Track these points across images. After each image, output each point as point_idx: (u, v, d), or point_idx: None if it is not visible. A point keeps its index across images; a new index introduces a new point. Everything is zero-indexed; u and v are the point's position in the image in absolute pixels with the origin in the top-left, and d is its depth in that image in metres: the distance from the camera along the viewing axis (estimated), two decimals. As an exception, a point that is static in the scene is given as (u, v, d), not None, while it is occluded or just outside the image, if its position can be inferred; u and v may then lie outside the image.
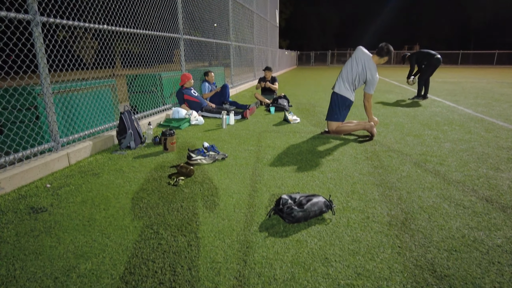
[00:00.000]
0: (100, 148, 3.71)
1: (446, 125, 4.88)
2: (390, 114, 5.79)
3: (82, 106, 3.66)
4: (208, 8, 7.58)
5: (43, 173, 2.93)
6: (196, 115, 5.06)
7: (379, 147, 3.70)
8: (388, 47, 3.99)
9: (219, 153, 3.27)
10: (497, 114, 5.70)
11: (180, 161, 3.24)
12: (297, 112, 6.09)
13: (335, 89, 4.21)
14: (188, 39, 6.21)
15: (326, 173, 2.88)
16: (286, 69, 26.04)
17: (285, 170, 2.97)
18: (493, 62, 33.09)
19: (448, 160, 3.25)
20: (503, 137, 4.16)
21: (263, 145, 3.82)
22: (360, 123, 4.20)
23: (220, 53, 8.90)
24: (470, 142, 3.94)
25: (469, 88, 10.47)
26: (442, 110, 6.24)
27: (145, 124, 4.47)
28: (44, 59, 3.03)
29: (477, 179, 2.77)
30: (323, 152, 3.55)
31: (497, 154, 3.44)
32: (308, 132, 4.47)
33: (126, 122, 3.73)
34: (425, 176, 2.84)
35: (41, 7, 3.02)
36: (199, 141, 4.05)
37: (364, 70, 3.99)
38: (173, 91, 5.83)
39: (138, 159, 3.36)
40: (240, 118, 5.43)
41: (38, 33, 2.95)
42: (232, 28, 9.33)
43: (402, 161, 3.21)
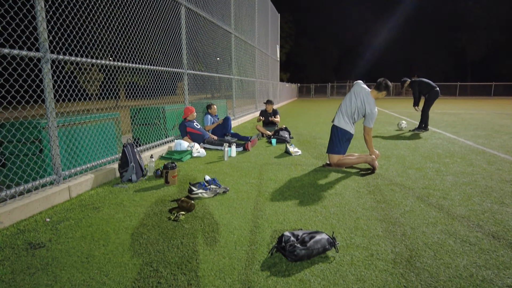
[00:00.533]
0: (102, 181, 3.70)
1: (448, 157, 4.88)
2: (391, 146, 5.81)
3: (85, 139, 3.70)
4: (212, 43, 7.86)
5: (43, 207, 2.91)
6: (198, 147, 5.09)
7: (381, 181, 3.68)
8: (386, 82, 4.09)
9: (221, 187, 3.26)
10: (498, 146, 5.71)
11: (181, 195, 3.22)
12: (298, 144, 6.13)
13: (334, 122, 4.26)
14: (192, 73, 6.38)
15: (328, 208, 2.85)
16: (287, 101, 26.50)
17: (287, 205, 2.94)
18: (491, 93, 33.67)
19: (451, 194, 3.22)
20: (506, 169, 4.15)
21: (264, 178, 3.81)
22: (361, 156, 4.21)
23: (222, 86, 9.12)
24: (472, 175, 3.92)
25: (469, 119, 10.57)
26: (443, 142, 6.26)
27: (147, 157, 4.50)
28: (52, 94, 3.11)
29: (482, 213, 2.73)
30: (325, 185, 3.53)
31: (500, 188, 3.41)
32: (309, 165, 4.47)
33: (129, 155, 3.75)
34: (428, 210, 2.80)
35: (51, 45, 3.15)
36: (201, 173, 4.05)
37: (363, 104, 4.07)
38: (175, 124, 5.91)
39: (139, 193, 3.34)
40: (242, 150, 5.45)
41: (48, 70, 3.05)
42: (235, 62, 9.62)
43: (404, 195, 3.18)
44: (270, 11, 16.08)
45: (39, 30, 2.96)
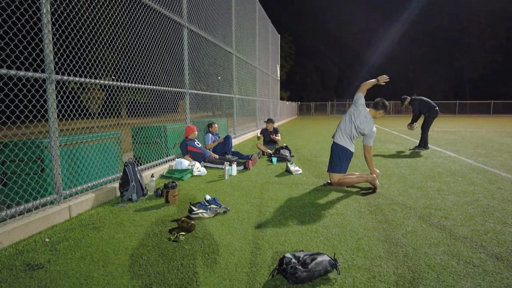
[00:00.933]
0: (102, 201, 3.70)
1: (449, 176, 4.88)
2: (392, 165, 5.81)
3: (87, 158, 3.72)
4: (213, 63, 8.01)
5: (43, 227, 2.89)
6: (198, 166, 5.10)
7: (383, 200, 3.67)
8: (383, 101, 4.16)
9: (221, 207, 3.25)
10: (499, 165, 5.70)
11: (182, 215, 3.21)
12: (298, 162, 6.14)
13: (335, 139, 4.30)
14: (193, 93, 6.47)
15: (330, 229, 2.83)
16: (287, 119, 26.68)
17: (288, 225, 2.92)
18: (490, 111, 33.88)
19: (453, 214, 3.20)
20: (508, 189, 4.13)
21: (265, 198, 3.80)
22: (362, 175, 4.21)
23: (223, 104, 9.22)
24: (474, 194, 3.90)
25: (469, 137, 10.60)
26: (444, 160, 6.26)
27: (148, 176, 4.50)
28: (55, 114, 3.15)
29: (484, 234, 2.71)
30: (326, 205, 3.52)
31: (503, 207, 3.39)
32: (310, 184, 4.46)
33: (129, 174, 3.76)
34: (430, 231, 2.78)
35: (56, 66, 3.22)
36: (201, 193, 4.04)
37: (361, 123, 4.10)
38: (177, 142, 5.94)
39: (139, 212, 3.33)
40: (243, 168, 5.46)
41: (52, 90, 3.11)
42: (236, 82, 9.76)
43: (406, 215, 3.17)
44: (271, 32, 16.45)
45: (45, 52, 3.03)
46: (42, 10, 2.98)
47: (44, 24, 3.00)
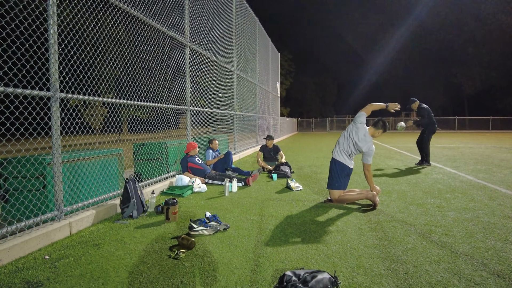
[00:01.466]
0: (103, 217, 3.70)
1: (449, 192, 4.88)
2: (392, 181, 5.82)
3: (88, 175, 3.75)
4: (214, 80, 8.14)
5: (43, 244, 2.89)
6: (199, 182, 5.12)
7: (383, 217, 3.67)
8: (383, 122, 4.23)
9: (221, 224, 3.25)
10: (499, 181, 5.71)
11: (182, 232, 3.21)
12: (299, 179, 6.15)
13: (333, 155, 4.33)
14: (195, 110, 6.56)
15: (330, 246, 2.83)
16: (287, 135, 26.79)
17: (288, 243, 2.92)
18: (489, 127, 34.06)
19: (454, 231, 3.20)
20: (508, 205, 4.13)
21: (265, 214, 3.80)
22: (362, 192, 4.22)
23: (224, 120, 9.30)
24: (474, 210, 3.90)
25: (468, 153, 10.62)
26: (443, 177, 6.27)
27: (148, 192, 4.51)
28: (58, 131, 3.20)
29: (485, 251, 2.70)
30: (327, 222, 3.51)
31: (503, 224, 3.39)
32: (310, 201, 4.46)
33: (130, 191, 3.77)
34: (431, 248, 2.77)
35: (61, 84, 3.29)
36: (201, 209, 4.05)
37: (360, 140, 4.15)
38: (177, 159, 5.97)
39: (139, 229, 3.33)
40: (243, 185, 5.47)
41: (56, 108, 3.17)
42: (236, 98, 9.88)
43: (406, 232, 3.16)
44: (271, 50, 16.75)
45: (51, 71, 3.11)
46: (50, 31, 3.08)
47: (51, 44, 3.09)
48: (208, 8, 7.36)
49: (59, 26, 3.23)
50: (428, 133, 7.87)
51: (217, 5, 8.12)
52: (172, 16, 5.48)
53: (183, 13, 5.95)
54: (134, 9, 4.36)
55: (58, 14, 3.19)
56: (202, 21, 6.95)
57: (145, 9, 4.64)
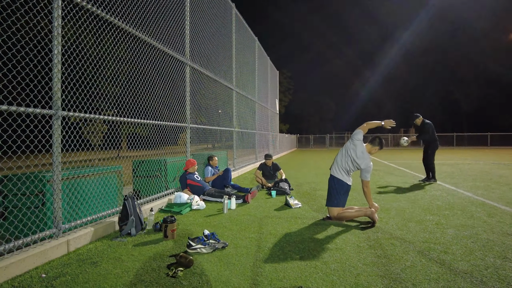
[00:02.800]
0: (101, 235, 3.68)
1: (447, 209, 4.88)
2: (390, 198, 5.81)
3: (87, 192, 3.76)
4: (214, 98, 8.25)
5: (40, 262, 2.87)
6: (197, 199, 5.11)
7: (382, 235, 3.66)
8: (380, 139, 4.30)
9: (219, 242, 3.24)
10: (497, 198, 5.71)
11: (180, 250, 3.19)
12: (298, 196, 6.14)
13: (332, 172, 4.36)
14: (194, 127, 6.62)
15: (329, 264, 2.82)
16: (286, 151, 26.83)
17: (287, 261, 2.91)
18: (487, 143, 34.16)
19: (453, 248, 3.19)
20: (507, 222, 4.13)
21: (264, 232, 3.79)
22: (361, 209, 4.22)
23: (223, 137, 9.36)
24: (473, 228, 3.90)
25: (467, 170, 10.63)
26: (442, 193, 6.27)
27: (147, 210, 4.51)
28: (59, 148, 3.24)
29: (484, 269, 2.69)
30: (326, 240, 3.51)
31: (502, 241, 3.38)
32: (309, 218, 4.45)
33: (129, 208, 3.78)
34: (430, 266, 2.77)
35: (63, 103, 3.35)
36: (200, 227, 4.03)
37: (358, 157, 4.18)
38: (176, 176, 5.98)
39: (137, 247, 3.31)
40: (242, 202, 5.46)
41: (58, 126, 3.21)
42: (236, 116, 9.98)
43: (405, 250, 3.16)
44: (270, 68, 17.03)
45: (54, 90, 3.18)
46: (54, 51, 3.17)
47: (55, 64, 3.17)
48: (208, 28, 7.55)
49: (63, 46, 3.32)
50: (431, 150, 7.92)
51: (217, 25, 8.33)
52: (173, 35, 5.62)
53: (183, 32, 6.10)
54: (136, 29, 4.48)
55: (62, 35, 3.29)
56: (202, 41, 7.11)
57: (147, 29, 4.76)
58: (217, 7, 8.27)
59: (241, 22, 10.87)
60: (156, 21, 5.07)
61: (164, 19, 5.33)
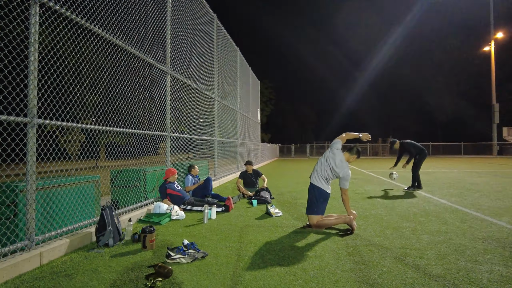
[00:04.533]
0: (77, 246, 3.57)
1: (423, 216, 5.03)
2: (369, 206, 5.94)
3: (63, 202, 3.65)
4: (196, 107, 8.24)
5: (10, 276, 2.76)
6: (177, 209, 5.05)
7: (360, 241, 3.73)
8: (357, 148, 4.43)
9: (199, 251, 3.21)
10: (469, 204, 5.94)
11: (159, 260, 3.14)
12: (279, 204, 6.17)
13: (312, 180, 4.43)
14: (174, 136, 6.57)
15: (308, 271, 2.85)
16: (268, 160, 26.92)
17: (267, 269, 2.91)
18: (461, 152, 35.47)
19: (427, 253, 3.30)
20: (477, 227, 4.30)
21: (244, 241, 3.78)
22: (340, 216, 4.29)
23: (204, 146, 9.32)
24: (447, 233, 4.04)
25: (442, 178, 11.01)
26: (419, 201, 6.46)
27: (125, 220, 4.41)
28: (34, 157, 3.15)
29: (457, 272, 2.80)
30: (305, 247, 3.54)
31: (473, 246, 3.52)
32: (290, 226, 4.49)
33: (107, 219, 3.69)
34: (406, 270, 2.84)
35: (39, 111, 3.27)
36: (180, 237, 3.98)
37: (337, 166, 4.28)
38: (156, 185, 5.89)
39: (115, 258, 3.24)
40: (223, 210, 5.44)
41: (33, 134, 3.13)
42: (217, 125, 9.98)
43: (382, 256, 3.23)
44: (251, 79, 17.19)
45: (29, 97, 3.10)
46: (30, 58, 3.10)
47: (31, 71, 3.11)
48: (190, 38, 7.58)
49: (40, 53, 3.26)
50: (418, 161, 8.26)
51: (199, 35, 8.38)
52: (154, 44, 5.61)
53: (165, 42, 6.10)
54: (116, 37, 4.45)
55: (39, 42, 3.23)
56: (184, 50, 7.12)
57: (127, 37, 4.74)
58: (199, 17, 8.33)
59: (223, 32, 10.98)
60: (137, 29, 5.06)
61: (145, 28, 5.32)
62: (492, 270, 2.84)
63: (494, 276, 2.73)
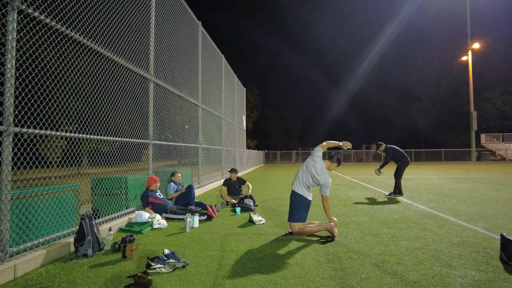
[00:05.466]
0: (54, 257, 3.49)
1: (403, 222, 5.14)
2: (350, 213, 6.03)
3: (40, 212, 3.56)
4: (179, 114, 8.21)
5: (-18, 290, 2.67)
6: (159, 218, 5.00)
7: (340, 248, 3.79)
8: (338, 156, 4.51)
9: (180, 261, 3.19)
10: (447, 210, 6.11)
11: (139, 270, 3.11)
12: (262, 212, 6.19)
13: (293, 188, 4.48)
14: (157, 143, 6.52)
15: (288, 279, 2.87)
16: (254, 167, 26.94)
17: (247, 278, 2.92)
18: (442, 159, 36.44)
19: (405, 259, 3.37)
20: (454, 232, 4.43)
21: (226, 250, 3.78)
22: (321, 224, 4.35)
23: (188, 153, 9.26)
24: (424, 239, 4.14)
25: (423, 184, 11.27)
26: (399, 207, 6.60)
27: (105, 229, 4.34)
28: (9, 166, 3.08)
29: (432, 278, 2.88)
30: (286, 255, 3.57)
31: (449, 251, 3.63)
32: (272, 234, 4.51)
33: (86, 228, 3.63)
34: (383, 277, 2.91)
35: (16, 118, 3.21)
36: (161, 246, 3.94)
37: (317, 173, 4.34)
38: (138, 194, 5.82)
39: (94, 269, 3.18)
40: (206, 219, 5.41)
41: (9, 143, 3.06)
42: (201, 132, 9.95)
43: (362, 262, 3.29)
44: (236, 86, 17.26)
45: (5, 105, 3.04)
46: (7, 65, 3.05)
47: (7, 78, 3.05)
48: (174, 47, 7.58)
49: (18, 60, 3.21)
50: (400, 167, 8.46)
51: (184, 43, 8.38)
52: (137, 52, 5.58)
53: (148, 49, 6.08)
54: (97, 44, 4.41)
55: (17, 49, 3.18)
56: (168, 58, 7.11)
57: (109, 44, 4.70)
58: (183, 25, 8.35)
59: (208, 40, 11.02)
60: (120, 37, 5.03)
61: (128, 36, 5.30)
62: (465, 275, 2.94)
63: (467, 280, 2.82)
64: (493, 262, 3.27)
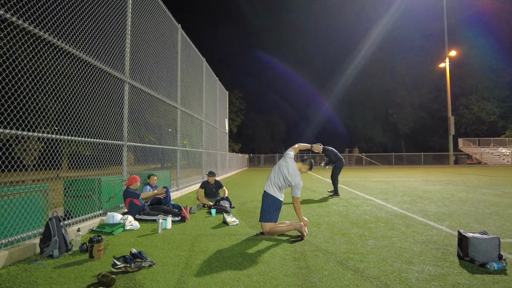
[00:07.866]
0: (17, 258, 3.43)
1: (373, 222, 5.28)
2: (324, 213, 6.14)
3: (4, 213, 3.50)
4: (157, 116, 8.17)
5: None
6: (131, 219, 4.97)
7: (308, 247, 3.87)
8: (310, 160, 4.64)
9: (146, 260, 3.20)
10: (418, 210, 6.31)
11: (105, 269, 3.09)
12: (238, 213, 6.23)
13: (265, 188, 4.55)
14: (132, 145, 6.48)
15: (252, 277, 2.93)
16: (237, 170, 26.94)
17: (212, 276, 2.96)
18: (421, 162, 37.39)
19: (369, 257, 3.48)
20: (420, 231, 4.59)
21: (195, 250, 3.80)
22: (291, 223, 4.43)
23: (166, 156, 9.22)
24: (391, 238, 4.28)
25: (399, 186, 11.56)
26: (372, 208, 6.76)
27: (74, 231, 4.28)
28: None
29: (391, 273, 2.99)
30: (254, 254, 3.62)
31: (412, 249, 3.77)
32: (244, 234, 4.55)
33: (53, 229, 3.59)
34: (345, 273, 3.00)
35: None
36: (131, 247, 3.92)
37: (289, 174, 4.43)
38: (112, 195, 5.77)
39: (58, 269, 3.15)
40: (179, 220, 5.41)
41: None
42: (180, 134, 9.92)
43: (326, 260, 3.38)
44: (218, 89, 17.28)
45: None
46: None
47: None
48: (152, 48, 7.57)
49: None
50: (335, 168, 9.05)
51: (162, 45, 8.38)
52: (112, 52, 5.56)
53: (123, 50, 6.06)
54: (69, 44, 4.38)
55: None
56: (145, 59, 7.09)
57: (83, 44, 4.68)
58: (162, 27, 8.34)
59: (188, 42, 11.02)
60: (94, 37, 5.01)
61: (104, 36, 5.28)
62: (422, 270, 3.07)
63: (423, 275, 2.94)
64: (451, 258, 3.42)
